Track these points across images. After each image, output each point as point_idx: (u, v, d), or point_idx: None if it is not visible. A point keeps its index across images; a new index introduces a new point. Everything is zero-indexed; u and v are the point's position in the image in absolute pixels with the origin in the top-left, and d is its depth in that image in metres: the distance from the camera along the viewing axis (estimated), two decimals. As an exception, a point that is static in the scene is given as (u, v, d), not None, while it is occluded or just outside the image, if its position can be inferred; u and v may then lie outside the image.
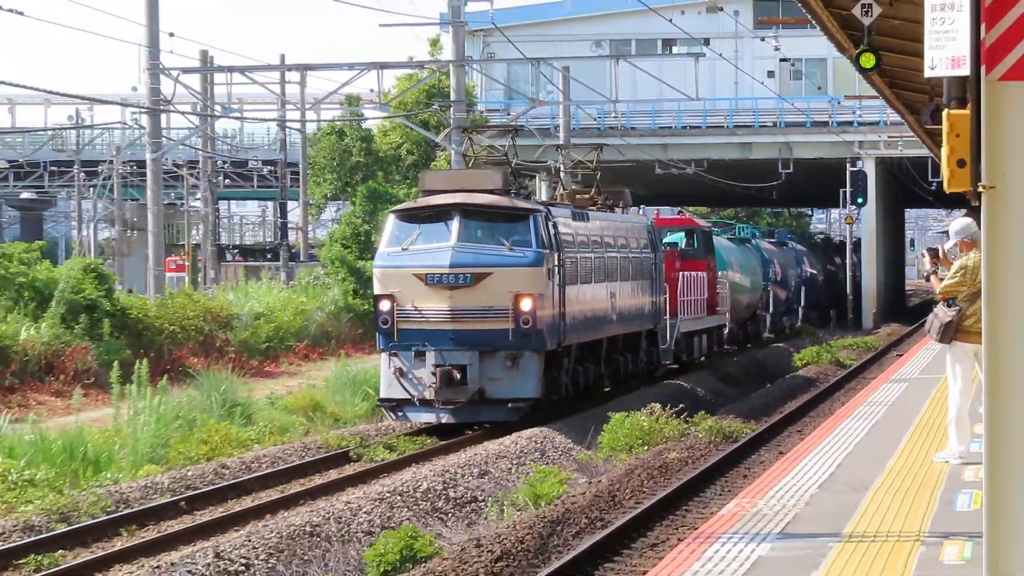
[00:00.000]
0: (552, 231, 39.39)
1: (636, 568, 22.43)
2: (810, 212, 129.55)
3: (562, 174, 74.65)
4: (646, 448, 37.66)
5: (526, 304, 36.34)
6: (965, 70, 10.79)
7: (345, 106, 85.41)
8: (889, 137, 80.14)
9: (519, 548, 25.08)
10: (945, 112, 11.20)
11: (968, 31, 10.66)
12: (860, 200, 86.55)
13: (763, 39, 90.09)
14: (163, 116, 68.59)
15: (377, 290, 38.33)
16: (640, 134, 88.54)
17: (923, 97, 32.43)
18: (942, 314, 22.24)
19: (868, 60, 26.16)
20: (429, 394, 36.58)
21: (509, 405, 37.05)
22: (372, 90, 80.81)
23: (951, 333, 22.08)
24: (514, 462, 36.03)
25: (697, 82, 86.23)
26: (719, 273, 62.85)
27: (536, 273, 37.58)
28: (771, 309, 74.43)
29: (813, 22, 31.47)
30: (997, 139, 10.49)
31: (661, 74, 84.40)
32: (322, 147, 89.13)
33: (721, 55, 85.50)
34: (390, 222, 40.19)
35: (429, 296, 36.80)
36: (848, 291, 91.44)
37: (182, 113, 72.90)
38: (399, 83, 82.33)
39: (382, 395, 38.76)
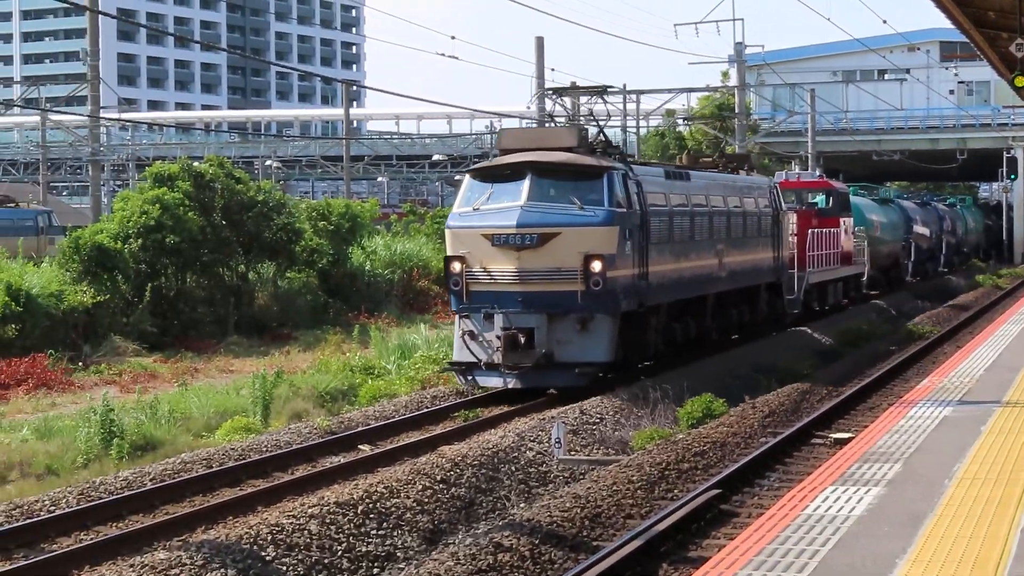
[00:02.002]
0: (634, 190, 27.18)
1: (860, 423, 22.05)
2: (978, 185, 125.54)
3: (810, 159, 73.76)
4: (865, 343, 37.17)
5: (596, 265, 25.23)
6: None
7: (665, 117, 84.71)
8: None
9: (780, 409, 24.92)
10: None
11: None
12: (1013, 177, 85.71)
13: (947, 68, 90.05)
14: (546, 124, 69.36)
15: (448, 251, 27.13)
16: (862, 133, 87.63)
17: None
18: None
19: (1020, 81, 25.47)
20: (497, 358, 25.85)
21: (576, 370, 25.80)
22: (683, 106, 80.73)
23: None
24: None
25: (901, 98, 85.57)
26: (858, 228, 48.42)
27: (608, 233, 25.90)
28: (912, 258, 60.90)
29: (982, 56, 30.69)
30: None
31: (877, 93, 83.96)
32: (650, 144, 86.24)
33: (918, 80, 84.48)
34: (465, 182, 28.40)
35: (497, 257, 25.83)
36: (1003, 237, 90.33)
37: (557, 122, 73.46)
38: (700, 100, 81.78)
39: (453, 358, 27.47)
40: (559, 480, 19.81)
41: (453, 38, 61.68)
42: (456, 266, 25.73)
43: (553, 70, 72.63)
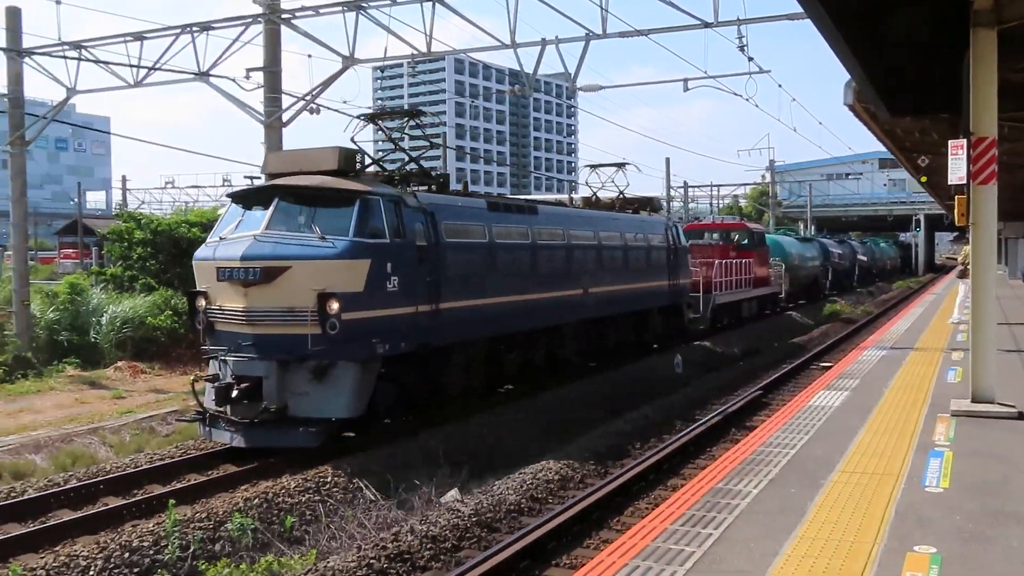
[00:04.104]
0: (418, 220, 12.66)
1: (836, 359, 21.04)
2: (899, 234, 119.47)
3: (808, 221, 71.22)
4: (839, 317, 35.51)
5: (333, 305, 11.17)
6: (963, 180, 9.89)
7: (732, 198, 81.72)
8: (930, 206, 73.99)
9: (792, 352, 23.95)
10: (956, 197, 10.30)
11: (965, 166, 9.80)
12: (917, 229, 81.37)
13: (883, 172, 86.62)
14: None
15: (197, 285, 12.42)
16: (836, 207, 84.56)
17: (947, 191, 29.85)
18: (959, 268, 20.99)
19: (924, 179, 24.37)
20: (229, 409, 11.71)
21: (301, 429, 11.41)
22: (737, 195, 78.12)
23: (964, 275, 20.54)
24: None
25: (858, 188, 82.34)
26: (775, 259, 34.62)
27: (348, 267, 11.36)
28: (829, 278, 46.62)
29: (902, 166, 29.41)
30: (976, 206, 9.66)
31: (844, 185, 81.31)
32: (723, 210, 78.21)
33: (867, 178, 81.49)
34: (227, 207, 13.14)
35: (230, 294, 11.70)
36: (912, 262, 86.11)
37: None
38: (751, 190, 79.13)
39: (199, 407, 12.24)
40: (679, 384, 19.55)
41: (624, 158, 61.73)
42: (201, 302, 12.22)
43: (674, 175, 72.10)
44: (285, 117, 19.00)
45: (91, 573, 8.07)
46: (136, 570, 8.26)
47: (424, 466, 11.57)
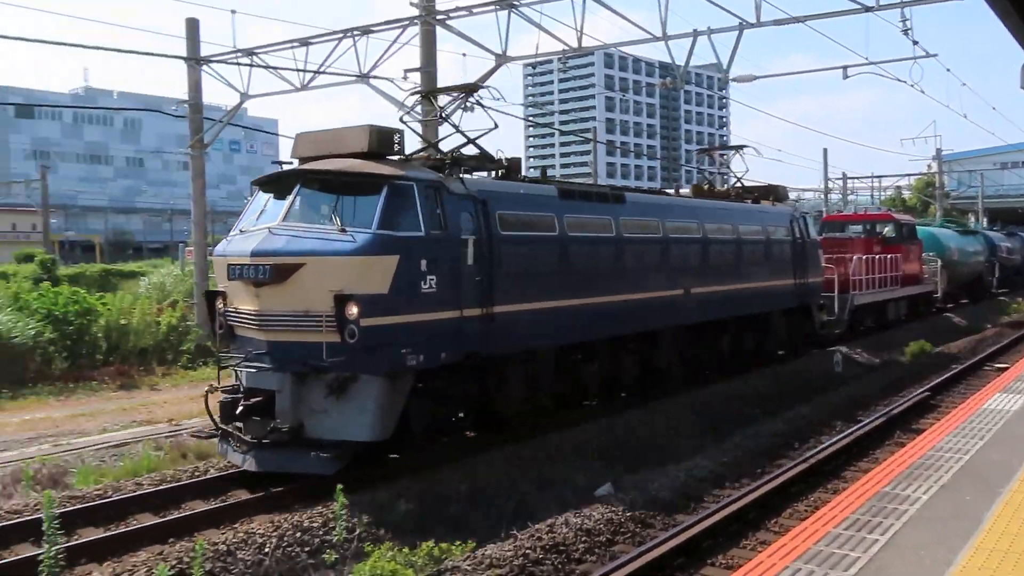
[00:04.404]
0: (466, 210, 10.55)
1: (1013, 360, 19.92)
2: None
3: (980, 213, 67.04)
4: (1008, 317, 32.90)
5: (352, 309, 9.18)
6: None
7: (895, 189, 77.39)
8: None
9: (962, 352, 22.64)
10: None
11: None
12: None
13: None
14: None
15: (216, 283, 11.25)
16: (1012, 197, 78.88)
17: None
18: None
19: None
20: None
21: (313, 453, 9.60)
22: (900, 187, 74.33)
23: None
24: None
25: (1019, 177, 76.96)
26: (929, 253, 30.46)
27: (368, 264, 9.28)
28: (996, 274, 40.24)
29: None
30: None
31: (1020, 175, 75.94)
32: (886, 202, 70.38)
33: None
34: (253, 195, 11.20)
35: (243, 295, 10.04)
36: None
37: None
38: (916, 181, 74.85)
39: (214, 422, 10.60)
40: (837, 383, 18.82)
41: (779, 150, 60.05)
42: (219, 303, 10.96)
43: (833, 167, 69.07)
44: (442, 116, 19.42)
45: (267, 549, 8.54)
46: (307, 548, 8.67)
47: (577, 459, 11.62)
